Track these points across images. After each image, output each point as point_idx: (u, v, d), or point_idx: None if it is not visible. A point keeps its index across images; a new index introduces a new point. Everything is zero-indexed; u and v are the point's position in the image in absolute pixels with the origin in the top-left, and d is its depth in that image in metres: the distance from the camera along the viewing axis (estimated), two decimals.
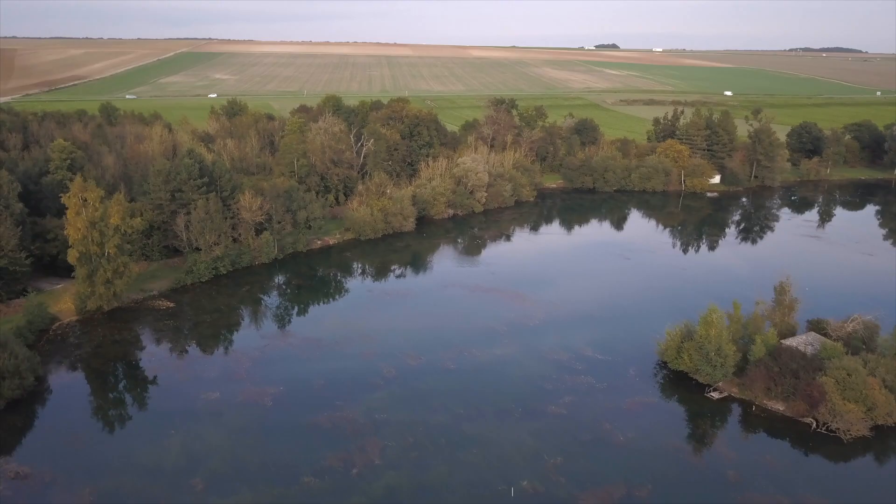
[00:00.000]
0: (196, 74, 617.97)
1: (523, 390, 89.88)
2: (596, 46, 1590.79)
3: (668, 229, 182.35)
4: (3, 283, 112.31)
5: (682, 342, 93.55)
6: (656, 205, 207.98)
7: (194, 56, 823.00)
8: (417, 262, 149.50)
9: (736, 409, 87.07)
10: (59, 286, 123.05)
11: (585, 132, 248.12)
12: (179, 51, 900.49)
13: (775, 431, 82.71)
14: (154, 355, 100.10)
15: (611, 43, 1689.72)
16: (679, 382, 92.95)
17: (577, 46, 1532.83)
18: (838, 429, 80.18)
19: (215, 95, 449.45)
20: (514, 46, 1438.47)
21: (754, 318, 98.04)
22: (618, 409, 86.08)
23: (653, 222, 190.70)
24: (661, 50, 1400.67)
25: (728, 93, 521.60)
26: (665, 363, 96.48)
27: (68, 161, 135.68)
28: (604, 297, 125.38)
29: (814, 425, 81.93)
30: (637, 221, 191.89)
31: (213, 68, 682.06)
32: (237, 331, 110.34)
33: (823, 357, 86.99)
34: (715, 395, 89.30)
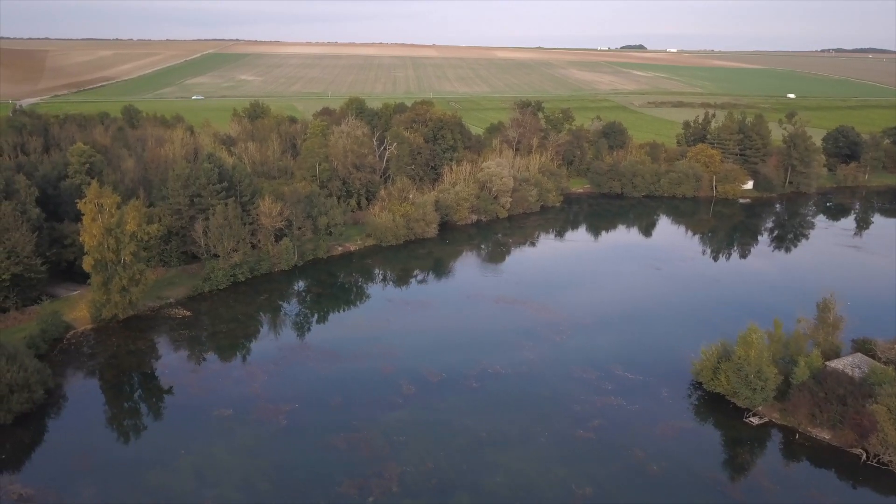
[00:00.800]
0: (222, 75, 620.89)
1: (550, 412, 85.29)
2: (622, 47, 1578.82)
3: (699, 237, 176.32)
4: (18, 290, 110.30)
5: (718, 362, 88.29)
6: (686, 211, 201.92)
7: (221, 57, 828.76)
8: (439, 270, 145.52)
9: (777, 437, 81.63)
10: (75, 293, 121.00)
11: (613, 135, 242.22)
12: (206, 52, 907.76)
13: (821, 462, 77.25)
14: (168, 367, 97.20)
15: (637, 44, 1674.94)
16: (715, 405, 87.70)
17: (603, 47, 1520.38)
18: (891, 461, 74.47)
19: (201, 97, 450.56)
20: (539, 47, 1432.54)
21: (796, 338, 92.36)
22: (650, 433, 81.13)
23: (683, 229, 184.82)
24: (675, 51, 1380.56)
25: (791, 95, 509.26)
26: (700, 384, 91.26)
27: (87, 165, 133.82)
28: (634, 309, 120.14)
29: (864, 457, 76.27)
30: (667, 228, 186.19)
31: (239, 69, 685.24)
32: (254, 342, 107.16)
33: (873, 382, 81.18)
34: (755, 420, 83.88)
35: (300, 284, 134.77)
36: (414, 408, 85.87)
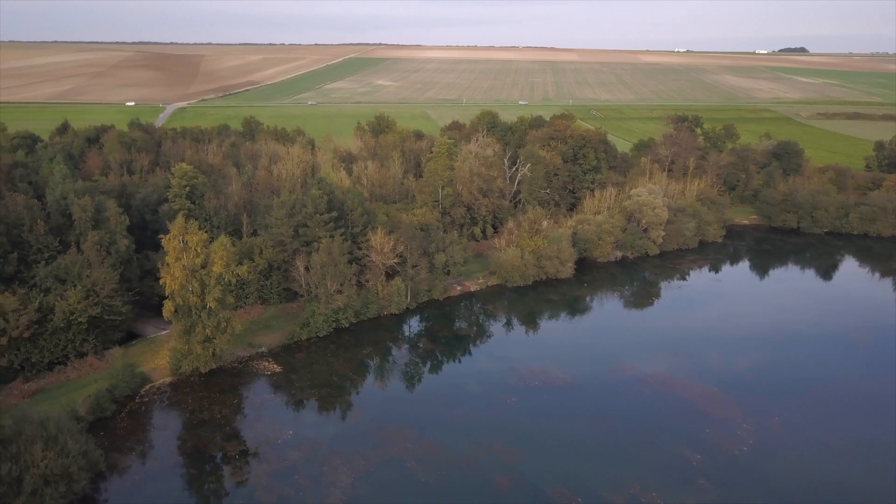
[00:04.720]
0: (359, 80, 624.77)
1: None
2: (781, 50, 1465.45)
3: None
4: (97, 333, 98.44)
5: None
6: (882, 254, 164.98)
7: (361, 62, 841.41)
8: (575, 325, 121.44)
9: None
10: (164, 332, 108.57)
11: (787, 157, 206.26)
12: (348, 56, 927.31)
13: None
14: (238, 451, 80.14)
15: (798, 46, 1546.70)
16: None
17: (759, 50, 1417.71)
18: None
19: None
20: (688, 51, 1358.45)
21: None
22: None
23: (882, 281, 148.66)
24: (844, 54, 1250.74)
25: None
26: None
27: (188, 188, 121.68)
28: (833, 408, 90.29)
29: None
30: (859, 278, 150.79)
31: (376, 74, 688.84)
32: (345, 418, 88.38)
33: None
34: None
35: (410, 332, 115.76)
36: None
